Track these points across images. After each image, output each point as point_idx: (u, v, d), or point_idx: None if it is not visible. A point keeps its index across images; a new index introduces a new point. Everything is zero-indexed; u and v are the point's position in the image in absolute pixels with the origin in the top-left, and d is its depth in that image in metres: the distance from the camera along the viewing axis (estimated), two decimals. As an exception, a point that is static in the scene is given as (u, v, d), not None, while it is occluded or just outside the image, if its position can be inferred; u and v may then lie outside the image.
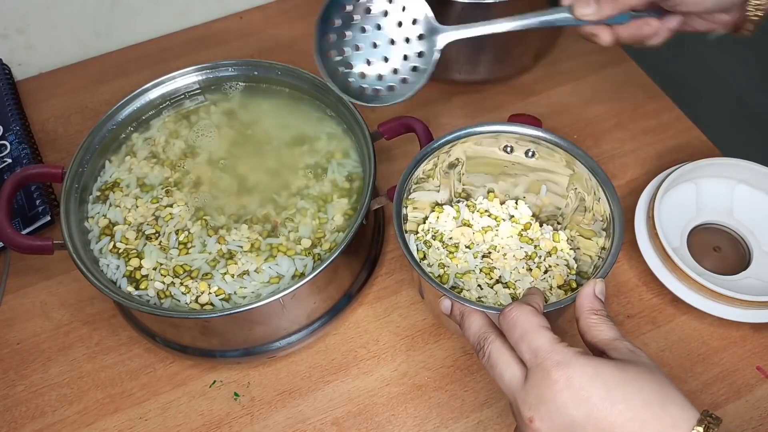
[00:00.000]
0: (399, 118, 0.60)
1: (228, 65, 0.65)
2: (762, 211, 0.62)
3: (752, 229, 0.62)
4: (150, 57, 0.81)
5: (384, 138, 0.60)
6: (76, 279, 0.54)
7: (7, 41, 0.77)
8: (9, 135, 0.71)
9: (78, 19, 0.78)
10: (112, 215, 0.58)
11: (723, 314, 0.56)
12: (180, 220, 0.58)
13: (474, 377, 0.57)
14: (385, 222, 0.65)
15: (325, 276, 0.52)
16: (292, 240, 0.56)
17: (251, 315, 0.52)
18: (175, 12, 0.83)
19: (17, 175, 0.57)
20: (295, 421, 0.55)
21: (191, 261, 0.55)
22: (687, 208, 0.63)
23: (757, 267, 0.60)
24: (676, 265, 0.57)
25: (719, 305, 0.56)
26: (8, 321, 0.61)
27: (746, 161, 0.62)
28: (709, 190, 0.63)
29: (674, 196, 0.62)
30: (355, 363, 0.58)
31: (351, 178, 0.60)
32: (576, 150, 0.54)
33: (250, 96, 0.66)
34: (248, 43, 0.82)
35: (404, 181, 0.53)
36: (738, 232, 0.62)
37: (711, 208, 0.63)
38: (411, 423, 0.55)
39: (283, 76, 0.65)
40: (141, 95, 0.63)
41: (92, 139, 0.60)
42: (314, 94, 0.64)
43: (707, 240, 0.62)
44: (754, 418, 0.54)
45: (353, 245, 0.54)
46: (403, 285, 0.62)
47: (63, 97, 0.78)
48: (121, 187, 0.60)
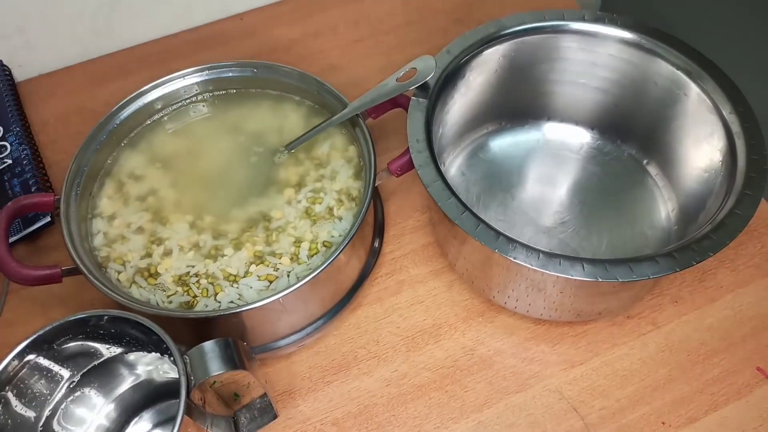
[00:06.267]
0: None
1: (228, 66, 0.65)
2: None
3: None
4: (150, 58, 0.81)
5: (371, 118, 0.62)
6: (77, 280, 0.54)
7: (7, 42, 0.77)
8: (9, 136, 0.71)
9: (78, 20, 0.78)
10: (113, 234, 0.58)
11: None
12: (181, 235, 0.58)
13: (474, 378, 0.57)
14: (384, 222, 0.65)
15: (325, 276, 0.52)
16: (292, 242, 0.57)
17: (251, 315, 0.52)
18: (175, 13, 0.83)
19: (9, 207, 0.55)
20: (295, 422, 0.55)
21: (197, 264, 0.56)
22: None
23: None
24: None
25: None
26: (9, 322, 0.61)
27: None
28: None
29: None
30: (356, 363, 0.58)
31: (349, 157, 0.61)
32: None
33: (250, 97, 0.66)
34: (248, 45, 0.82)
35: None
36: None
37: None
38: (411, 423, 0.55)
39: (282, 77, 0.65)
40: (141, 96, 0.63)
41: (91, 141, 0.60)
42: (313, 94, 0.64)
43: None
44: (754, 418, 0.54)
45: (354, 244, 0.54)
46: (403, 285, 0.62)
47: (63, 98, 0.78)
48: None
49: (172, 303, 0.54)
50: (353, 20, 0.84)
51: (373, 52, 0.80)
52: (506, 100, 0.67)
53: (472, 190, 0.66)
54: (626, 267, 0.47)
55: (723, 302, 0.60)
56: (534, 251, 0.48)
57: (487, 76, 0.64)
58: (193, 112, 0.66)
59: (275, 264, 0.55)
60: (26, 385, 0.46)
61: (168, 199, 0.60)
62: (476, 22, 0.62)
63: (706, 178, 0.58)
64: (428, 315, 0.60)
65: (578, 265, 0.47)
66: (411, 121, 0.56)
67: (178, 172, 0.62)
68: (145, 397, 0.53)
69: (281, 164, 0.62)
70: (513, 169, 0.67)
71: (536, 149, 0.69)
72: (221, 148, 0.63)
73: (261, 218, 0.58)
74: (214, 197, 0.60)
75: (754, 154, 0.53)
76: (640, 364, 0.57)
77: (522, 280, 0.53)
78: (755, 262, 0.62)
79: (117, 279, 0.55)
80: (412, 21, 0.84)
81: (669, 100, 0.61)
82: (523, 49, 0.63)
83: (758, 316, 0.59)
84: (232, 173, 0.61)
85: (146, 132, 0.64)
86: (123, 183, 0.61)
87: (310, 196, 0.59)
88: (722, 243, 0.48)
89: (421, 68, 0.57)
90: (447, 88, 0.60)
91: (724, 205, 0.52)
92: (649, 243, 0.62)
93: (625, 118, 0.66)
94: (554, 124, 0.70)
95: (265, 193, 0.60)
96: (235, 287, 0.54)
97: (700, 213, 0.57)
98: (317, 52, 0.81)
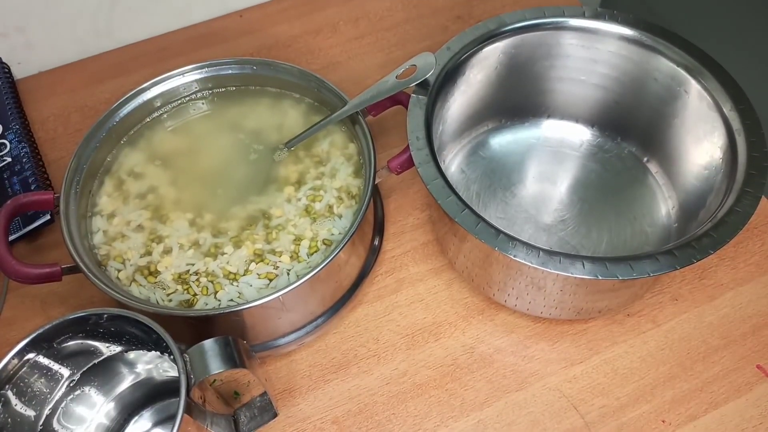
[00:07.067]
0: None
1: (227, 64, 0.65)
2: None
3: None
4: (150, 55, 0.81)
5: (371, 115, 0.62)
6: (76, 278, 0.54)
7: (6, 40, 0.77)
8: (9, 134, 0.71)
9: (78, 18, 0.78)
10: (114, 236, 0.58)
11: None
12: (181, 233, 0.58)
13: (474, 376, 0.57)
14: (384, 220, 0.65)
15: (325, 273, 0.52)
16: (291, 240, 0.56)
17: (251, 313, 0.52)
18: (175, 10, 0.82)
19: (8, 205, 0.55)
20: (295, 420, 0.55)
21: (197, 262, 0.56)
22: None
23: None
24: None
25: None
26: (9, 320, 0.61)
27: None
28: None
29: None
30: (355, 362, 0.58)
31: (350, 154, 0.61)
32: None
33: (249, 95, 0.66)
34: (248, 42, 0.82)
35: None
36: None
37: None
38: (411, 422, 0.55)
39: (282, 74, 0.65)
40: (140, 94, 0.63)
41: (91, 139, 0.60)
42: (313, 91, 0.64)
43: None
44: (754, 416, 0.54)
45: (354, 242, 0.54)
46: (403, 283, 0.62)
47: (63, 96, 0.78)
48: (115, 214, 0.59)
49: (171, 301, 0.54)
50: (353, 17, 0.84)
51: (373, 50, 0.80)
52: (506, 97, 0.67)
53: (472, 188, 0.66)
54: (626, 265, 0.47)
55: (723, 300, 0.60)
56: (534, 249, 0.48)
57: (487, 73, 0.64)
58: (193, 109, 0.66)
59: (275, 262, 0.55)
60: (26, 383, 0.46)
61: (168, 197, 0.60)
62: (476, 19, 0.62)
63: (707, 176, 0.58)
64: (428, 313, 0.60)
65: (578, 262, 0.47)
66: (411, 118, 0.56)
67: (177, 169, 0.62)
68: (145, 395, 0.53)
69: (281, 162, 0.62)
70: (513, 166, 0.67)
71: (536, 147, 0.69)
72: (221, 146, 0.63)
73: (261, 216, 0.58)
74: (214, 195, 0.60)
75: (755, 152, 0.53)
76: (640, 363, 0.57)
77: (522, 278, 0.53)
78: (755, 259, 0.62)
79: (117, 277, 0.55)
80: (412, 18, 0.84)
81: (669, 97, 0.61)
82: (523, 46, 0.63)
83: (758, 314, 0.59)
84: (231, 171, 0.61)
85: (146, 130, 0.64)
86: (123, 181, 0.61)
87: (310, 194, 0.59)
88: (722, 241, 0.48)
89: (421, 65, 0.57)
90: (447, 86, 0.60)
91: (725, 202, 0.51)
92: (649, 240, 0.61)
93: (625, 115, 0.66)
94: (554, 122, 0.70)
95: (265, 190, 0.60)
96: (234, 285, 0.54)
97: (700, 210, 0.57)
98: (317, 49, 0.80)
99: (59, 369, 0.48)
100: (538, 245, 0.48)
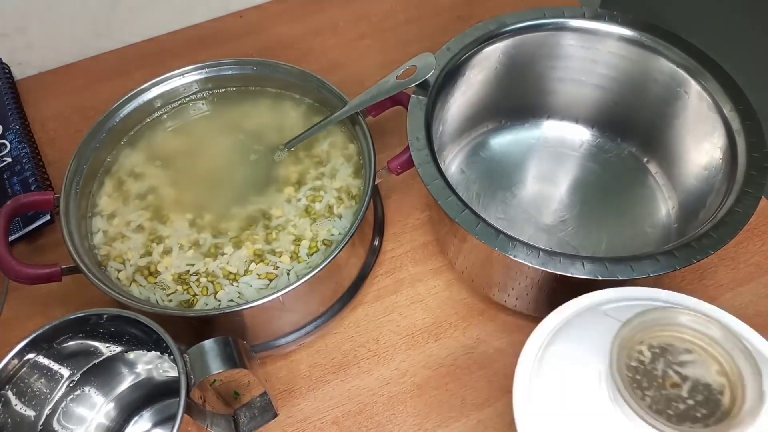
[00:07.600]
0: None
1: (228, 64, 0.65)
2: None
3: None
4: (150, 56, 0.81)
5: (371, 116, 0.62)
6: (77, 279, 0.54)
7: (7, 40, 0.77)
8: (9, 134, 0.71)
9: (78, 18, 0.78)
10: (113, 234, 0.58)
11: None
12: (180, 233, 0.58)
13: (474, 376, 0.57)
14: (384, 220, 0.65)
15: (325, 274, 0.52)
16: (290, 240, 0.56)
17: (251, 313, 0.52)
18: (175, 11, 0.83)
19: (8, 206, 0.55)
20: (295, 420, 0.55)
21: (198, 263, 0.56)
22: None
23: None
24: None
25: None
26: (9, 320, 0.61)
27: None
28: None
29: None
30: (355, 362, 0.58)
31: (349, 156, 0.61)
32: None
33: (249, 95, 0.66)
34: (248, 42, 0.82)
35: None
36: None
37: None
38: (411, 422, 0.55)
39: (282, 75, 0.65)
40: (140, 94, 0.63)
41: (91, 139, 0.60)
42: (313, 92, 0.64)
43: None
44: (754, 416, 0.54)
45: (354, 242, 0.54)
46: (403, 284, 0.62)
47: (63, 97, 0.78)
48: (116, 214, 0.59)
49: (171, 301, 0.54)
50: (353, 18, 0.84)
51: (373, 50, 0.80)
52: (506, 97, 0.67)
53: (472, 188, 0.66)
54: (626, 265, 0.47)
55: (723, 300, 0.60)
56: (534, 249, 0.48)
57: (487, 74, 0.64)
58: (193, 110, 0.66)
59: (275, 262, 0.55)
60: (26, 384, 0.46)
61: (168, 198, 0.60)
62: (476, 20, 0.62)
63: (707, 176, 0.58)
64: (428, 313, 0.60)
65: (578, 263, 0.47)
66: (411, 118, 0.56)
67: (177, 170, 0.62)
68: (145, 395, 0.53)
69: (281, 162, 0.62)
70: (513, 167, 0.67)
71: (536, 147, 0.69)
72: (221, 146, 0.63)
73: (261, 216, 0.58)
74: (214, 195, 0.60)
75: (755, 152, 0.53)
76: (640, 362, 0.57)
77: (522, 278, 0.53)
78: (755, 260, 0.62)
79: (117, 277, 0.55)
80: (412, 19, 0.84)
81: (669, 98, 0.61)
82: (524, 46, 0.63)
83: (758, 314, 0.59)
84: (231, 171, 0.61)
85: (146, 130, 0.64)
86: (123, 181, 0.61)
87: (310, 194, 0.59)
88: (722, 241, 0.48)
89: (421, 66, 0.57)
90: (447, 86, 0.60)
91: (725, 202, 0.51)
92: (650, 241, 0.61)
93: (625, 115, 0.66)
94: (554, 122, 0.70)
95: (265, 191, 0.60)
96: (234, 285, 0.54)
97: (700, 211, 0.57)
98: (317, 49, 0.80)
99: (59, 369, 0.48)
100: (538, 245, 0.48)
